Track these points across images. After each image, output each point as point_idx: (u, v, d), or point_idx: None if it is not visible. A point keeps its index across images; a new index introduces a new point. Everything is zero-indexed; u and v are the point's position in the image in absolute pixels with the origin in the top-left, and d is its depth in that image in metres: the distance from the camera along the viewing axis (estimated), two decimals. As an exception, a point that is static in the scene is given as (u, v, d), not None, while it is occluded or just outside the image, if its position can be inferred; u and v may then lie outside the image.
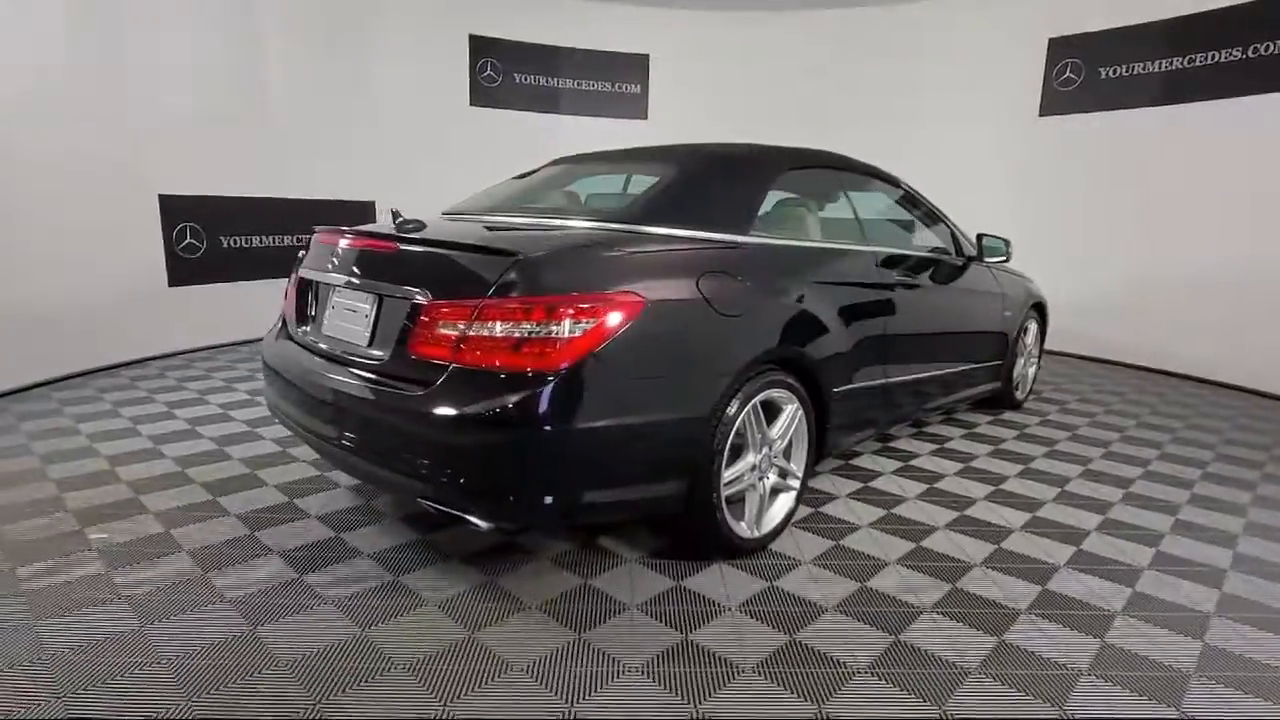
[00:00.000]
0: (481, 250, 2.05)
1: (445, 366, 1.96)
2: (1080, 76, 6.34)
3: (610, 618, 2.12)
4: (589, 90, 7.91)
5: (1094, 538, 2.77)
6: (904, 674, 1.90)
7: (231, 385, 4.66)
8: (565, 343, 1.90)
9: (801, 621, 2.13)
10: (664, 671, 1.88)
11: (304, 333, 2.52)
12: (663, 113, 8.03)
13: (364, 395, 2.10)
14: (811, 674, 1.89)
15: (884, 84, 7.45)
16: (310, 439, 2.42)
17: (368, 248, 2.28)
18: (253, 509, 2.79)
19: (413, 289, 2.05)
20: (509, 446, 1.89)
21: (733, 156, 2.80)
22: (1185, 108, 5.71)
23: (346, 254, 2.30)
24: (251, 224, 6.08)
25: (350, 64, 6.59)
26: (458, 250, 2.09)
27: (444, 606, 2.15)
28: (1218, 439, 4.17)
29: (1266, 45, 5.17)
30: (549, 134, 7.74)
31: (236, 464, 3.27)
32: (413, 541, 2.57)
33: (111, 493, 2.91)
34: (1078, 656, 2.00)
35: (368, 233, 2.33)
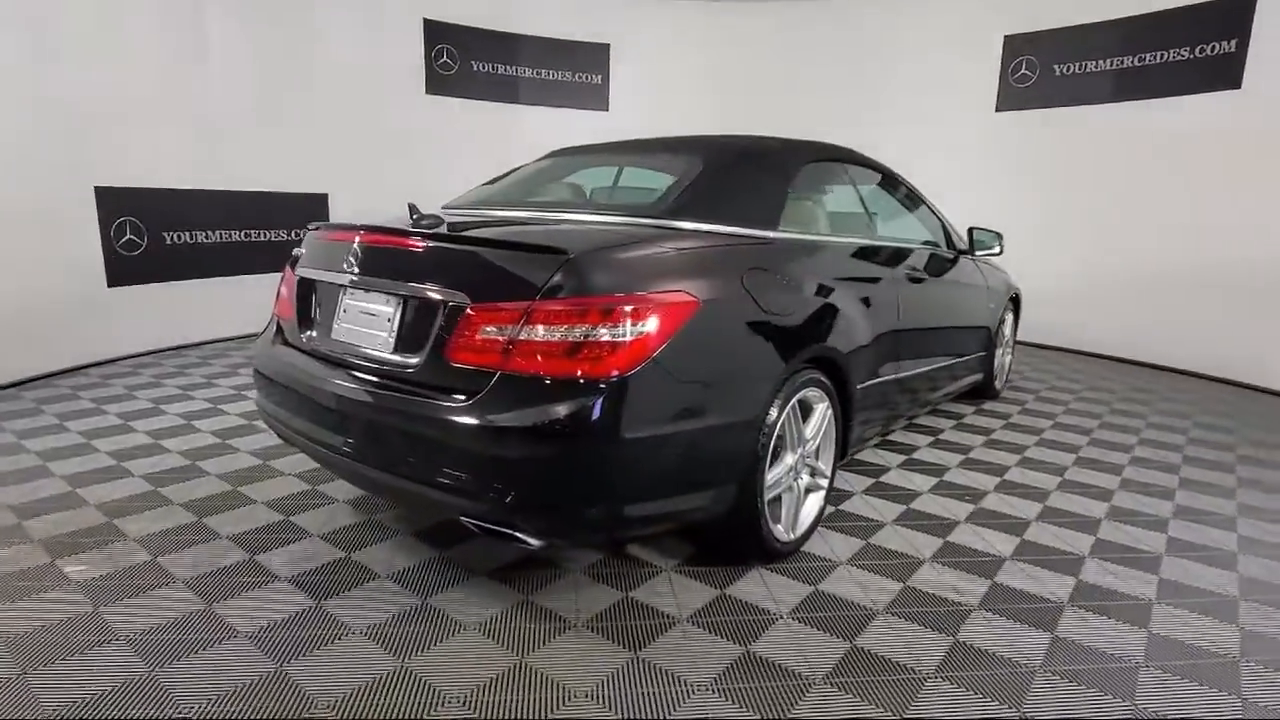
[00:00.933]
0: (527, 249, 1.91)
1: (491, 374, 1.82)
2: (1035, 73, 6.53)
3: (663, 633, 2.02)
4: (549, 80, 7.71)
5: (1107, 526, 2.82)
6: (973, 676, 1.87)
7: (188, 393, 4.33)
8: (624, 346, 1.78)
9: (856, 626, 2.08)
10: (735, 688, 1.79)
11: (308, 338, 2.31)
12: (624, 105, 7.91)
13: (393, 406, 1.93)
14: (884, 682, 1.83)
15: (844, 78, 7.52)
16: (319, 453, 2.23)
17: (390, 245, 2.10)
18: (246, 530, 2.57)
19: (450, 291, 1.89)
20: (567, 458, 1.77)
21: (758, 149, 2.72)
22: (1135, 105, 5.94)
23: (362, 252, 2.11)
24: (197, 218, 5.67)
25: (299, 48, 6.21)
26: (500, 249, 1.94)
27: (484, 630, 2.01)
28: (1187, 423, 4.36)
29: (1213, 45, 5.42)
30: (508, 124, 7.52)
31: (215, 480, 3.01)
32: (431, 559, 2.40)
33: (79, 518, 2.63)
34: (1131, 650, 2.01)
35: (389, 229, 2.15)
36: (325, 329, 2.27)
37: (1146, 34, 5.81)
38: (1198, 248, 5.63)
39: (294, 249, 2.55)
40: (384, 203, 6.78)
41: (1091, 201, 6.27)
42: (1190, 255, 5.67)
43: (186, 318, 5.66)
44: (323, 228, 2.43)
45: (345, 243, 2.20)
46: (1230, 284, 5.43)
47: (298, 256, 2.48)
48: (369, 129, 6.74)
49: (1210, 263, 5.55)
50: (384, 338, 2.06)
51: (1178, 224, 5.73)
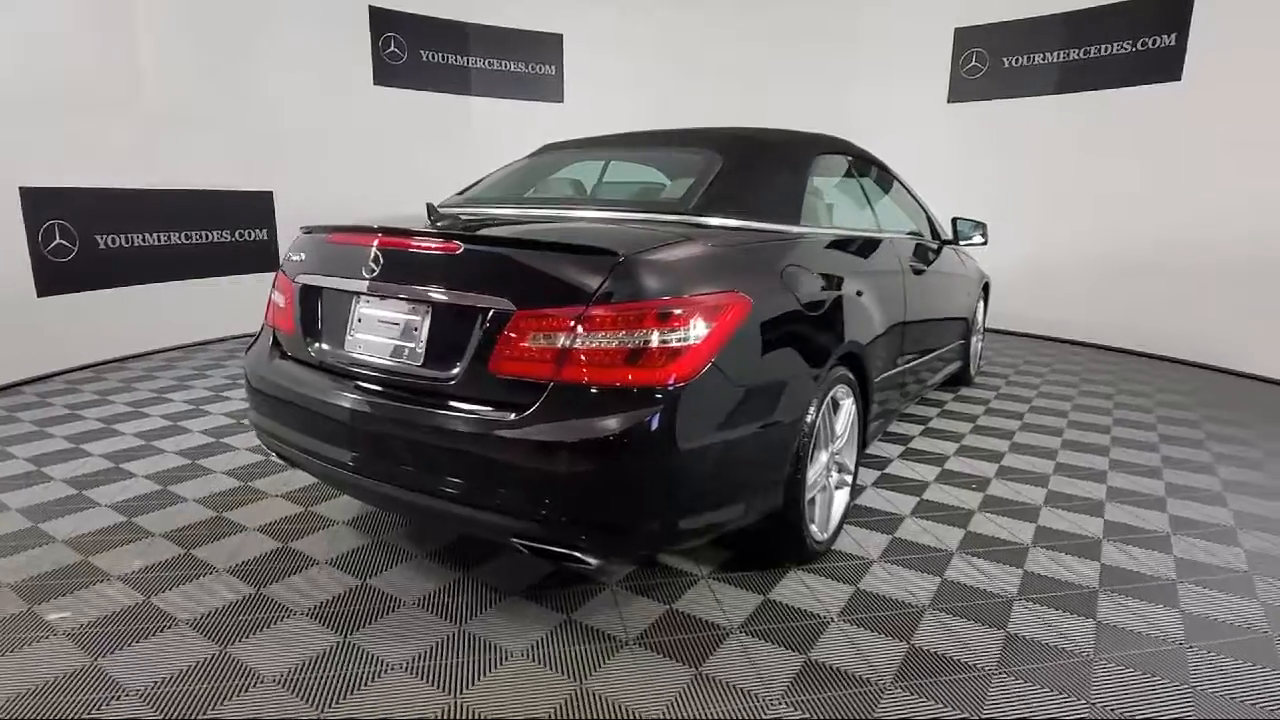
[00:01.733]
0: (574, 250, 1.79)
1: (543, 385, 1.70)
2: (985, 65, 6.71)
3: (719, 645, 1.95)
4: (502, 71, 7.49)
5: (1112, 508, 2.90)
6: (1033, 670, 1.87)
7: (140, 410, 4.00)
8: (684, 351, 1.70)
9: (909, 626, 2.06)
10: (808, 700, 1.74)
11: (316, 351, 2.13)
12: (580, 96, 7.75)
13: (429, 423, 1.79)
14: (952, 682, 1.81)
15: (802, 69, 7.56)
16: (333, 474, 2.06)
17: (417, 249, 1.94)
18: (243, 561, 2.37)
19: (492, 297, 1.76)
20: (631, 471, 1.67)
21: (774, 142, 2.66)
22: (1082, 96, 6.17)
23: (384, 257, 1.95)
24: (133, 220, 5.25)
25: (239, 37, 5.82)
26: (545, 251, 1.82)
27: (533, 656, 1.90)
28: (1150, 401, 4.56)
29: (1154, 39, 5.67)
30: (461, 116, 7.28)
31: (194, 506, 2.78)
32: (456, 581, 2.27)
33: (48, 556, 2.38)
34: (1170, 629, 2.06)
35: (415, 231, 2.00)
36: (336, 340, 2.09)
37: (1091, 27, 6.04)
38: (1143, 234, 5.89)
39: (288, 254, 2.35)
40: (332, 199, 6.49)
41: (1041, 190, 6.49)
42: (1136, 241, 5.94)
43: (126, 328, 5.25)
44: (322, 230, 2.25)
45: (359, 246, 2.03)
46: (1173, 268, 5.71)
47: (292, 261, 2.28)
48: (315, 123, 6.39)
49: (1154, 248, 5.83)
50: (411, 349, 1.91)
51: (1125, 212, 5.99)
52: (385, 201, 6.87)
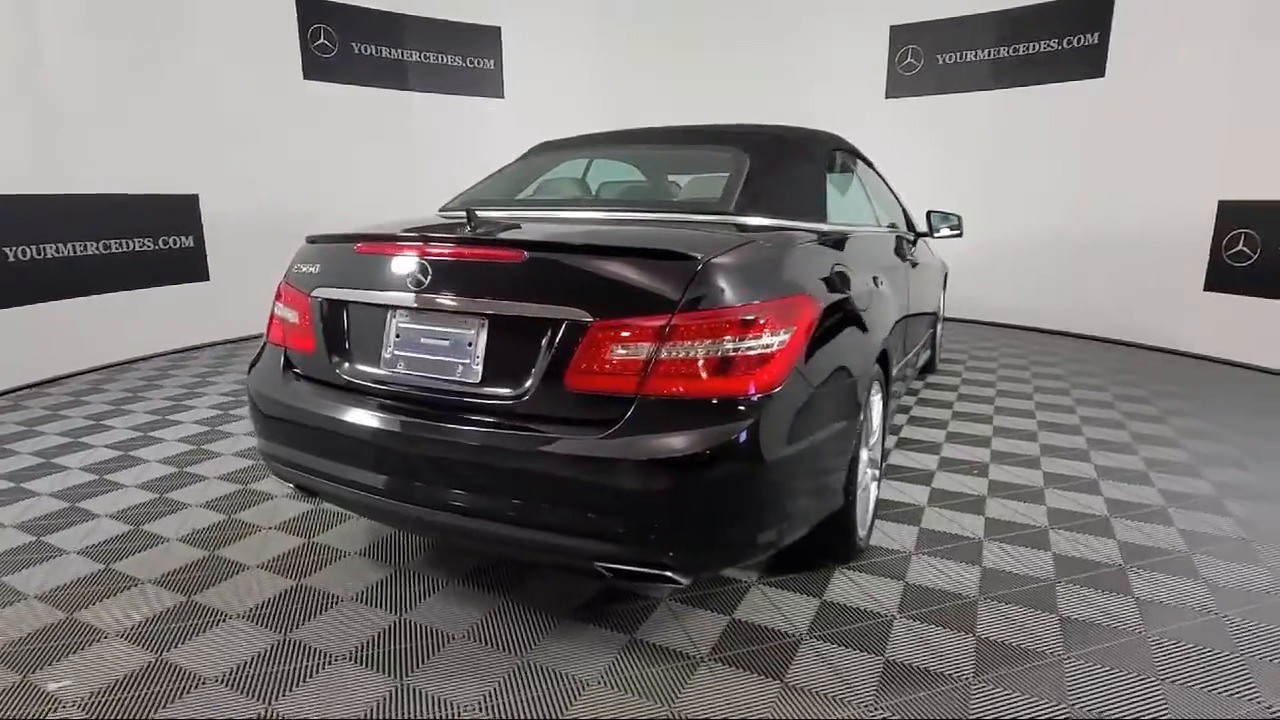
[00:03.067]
0: (650, 255, 1.70)
1: (629, 399, 1.61)
2: (921, 62, 6.95)
3: (794, 653, 1.91)
4: (438, 65, 7.19)
5: (1108, 486, 3.04)
6: (1103, 652, 1.92)
7: (79, 440, 3.61)
8: (772, 358, 1.64)
9: (968, 618, 2.08)
10: (901, 702, 1.72)
11: (346, 371, 1.95)
12: (521, 91, 7.55)
13: (496, 445, 1.67)
14: (1030, 670, 1.84)
15: (743, 65, 7.61)
16: (372, 503, 1.90)
17: (471, 258, 1.79)
18: (259, 603, 2.15)
19: (564, 307, 1.65)
20: (728, 485, 1.61)
21: (794, 139, 2.63)
22: (1013, 91, 6.48)
23: (429, 267, 1.79)
24: (40, 229, 4.73)
25: (157, 27, 5.34)
26: (617, 256, 1.71)
27: (610, 682, 1.80)
28: (1102, 380, 4.84)
29: (1079, 37, 6.01)
30: (397, 112, 6.96)
31: (179, 546, 2.51)
32: (500, 607, 2.13)
33: (26, 615, 2.09)
34: (1204, 599, 2.17)
35: (470, 239, 1.86)
36: (369, 358, 1.92)
37: (1020, 26, 6.34)
38: (1070, 222, 6.25)
39: (294, 266, 2.14)
40: (266, 203, 6.08)
41: (976, 183, 6.77)
42: (1064, 229, 6.29)
43: (40, 350, 4.73)
44: (336, 239, 2.06)
45: (400, 255, 1.86)
46: (1097, 253, 6.08)
47: (303, 273, 2.08)
48: (242, 120, 5.96)
49: (1080, 235, 6.19)
50: (465, 365, 1.77)
51: (1053, 202, 6.33)
52: (326, 204, 6.50)
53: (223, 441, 3.56)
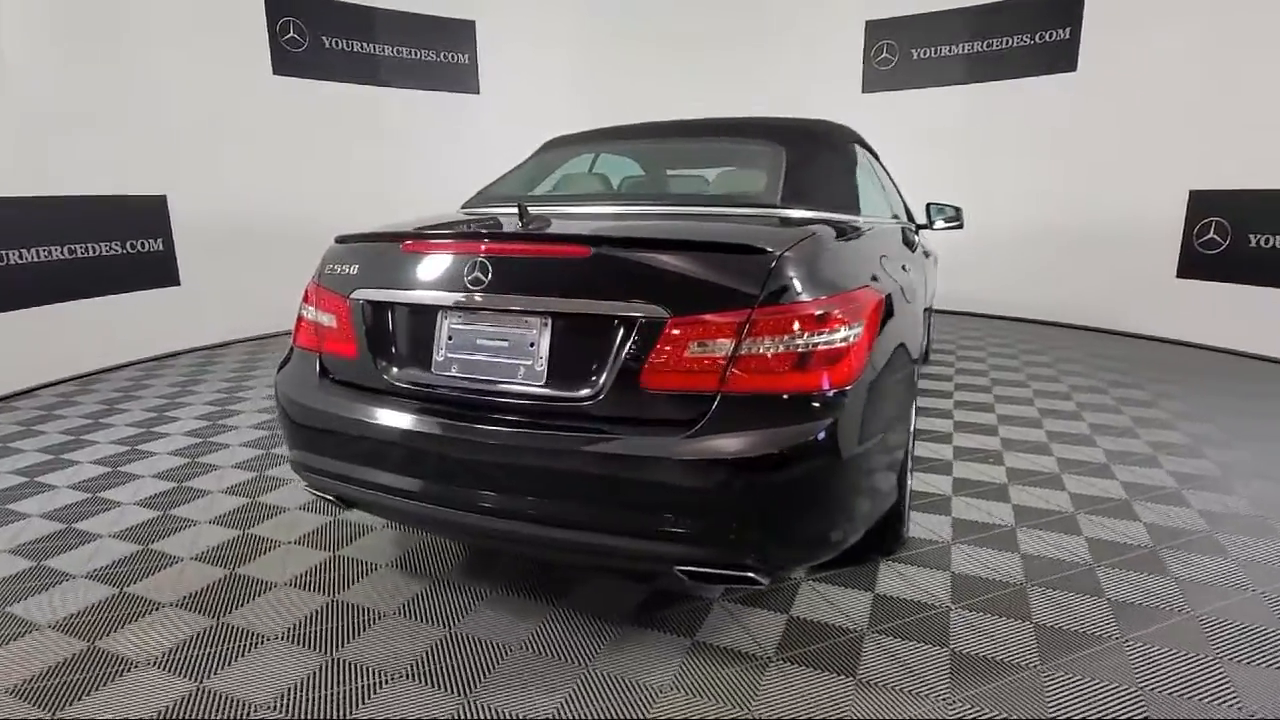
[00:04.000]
0: (725, 249, 1.66)
1: (710, 397, 1.57)
2: (896, 57, 7.04)
3: (860, 649, 1.90)
4: (411, 60, 7.01)
5: (1120, 470, 3.11)
6: (1158, 633, 1.95)
7: (62, 457, 3.40)
8: (849, 351, 1.62)
9: (1023, 606, 2.09)
10: (979, 694, 1.72)
11: (392, 374, 1.86)
12: (497, 86, 7.40)
13: (572, 447, 1.61)
14: (1095, 655, 1.86)
15: (720, 60, 7.60)
16: (424, 513, 1.82)
17: (534, 254, 1.73)
18: (296, 622, 2.05)
19: (638, 304, 1.60)
20: (813, 481, 1.58)
21: (822, 132, 2.62)
22: (987, 86, 6.61)
23: (489, 264, 1.71)
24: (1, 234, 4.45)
25: (115, 22, 5.08)
26: (691, 250, 1.67)
27: (683, 687, 1.76)
28: (1087, 367, 4.96)
29: (1051, 32, 6.16)
30: (369, 108, 6.77)
31: (195, 566, 2.38)
32: (552, 615, 2.07)
33: (43, 647, 1.95)
34: (1237, 575, 2.22)
35: (533, 235, 1.79)
36: (419, 362, 1.84)
37: (993, 21, 6.47)
38: (1045, 214, 6.40)
39: (326, 267, 2.04)
40: (237, 202, 5.85)
41: (952, 177, 6.88)
42: (1041, 220, 6.45)
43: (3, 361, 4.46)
44: (370, 238, 1.98)
45: (448, 253, 1.78)
46: (1072, 243, 6.25)
47: (337, 274, 1.98)
48: (210, 117, 5.72)
49: (1058, 225, 6.35)
50: (527, 367, 1.70)
51: (1029, 194, 6.47)
52: (300, 204, 6.30)
53: (218, 454, 3.40)
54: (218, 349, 5.82)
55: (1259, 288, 5.08)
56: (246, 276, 6.03)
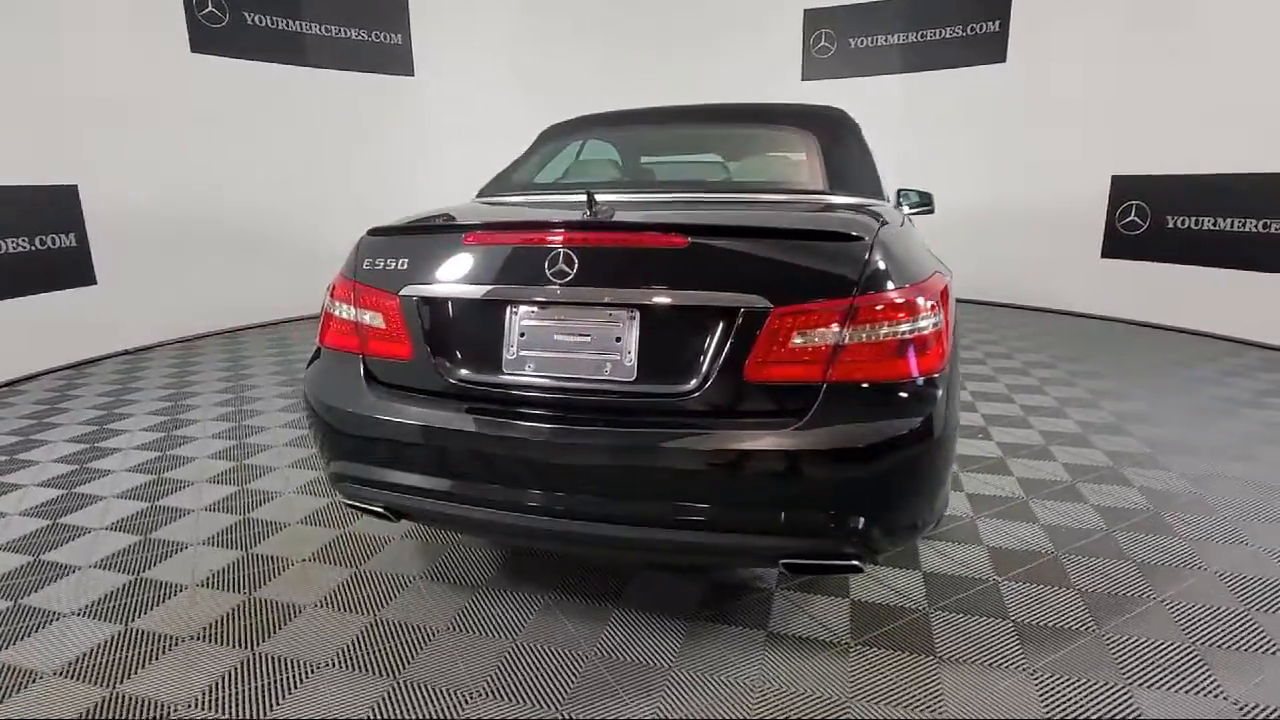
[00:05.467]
0: (820, 236, 1.63)
1: (815, 388, 1.54)
2: (834, 45, 7.20)
3: (930, 628, 1.94)
4: (340, 39, 6.60)
5: (1097, 439, 3.31)
6: (1193, 588, 2.09)
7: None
8: (937, 337, 1.63)
9: (1060, 574, 2.19)
10: (1051, 661, 1.79)
11: (457, 376, 1.73)
12: (433, 69, 7.08)
13: (675, 445, 1.55)
14: (1144, 615, 1.97)
15: (664, 45, 7.56)
16: (502, 520, 1.71)
17: (626, 245, 1.65)
18: (343, 646, 1.90)
19: (739, 294, 1.55)
20: (915, 467, 1.59)
21: (839, 116, 2.63)
22: (921, 75, 6.86)
23: (575, 256, 1.61)
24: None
25: None
26: (787, 238, 1.63)
27: (779, 680, 1.75)
28: (1034, 344, 5.26)
29: (982, 25, 6.45)
30: (296, 90, 6.34)
31: (206, 593, 2.17)
32: (616, 619, 2.01)
33: (60, 697, 1.72)
34: (1230, 533, 2.41)
35: (624, 224, 1.71)
36: (487, 361, 1.72)
37: (927, 13, 6.71)
38: (982, 198, 6.73)
39: (363, 262, 1.88)
40: (150, 192, 5.35)
41: (890, 163, 7.11)
42: (976, 204, 6.77)
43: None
44: (443, 229, 1.86)
45: (520, 245, 1.68)
46: (1002, 226, 6.61)
47: (379, 270, 1.83)
48: (123, 98, 5.19)
49: (992, 209, 6.69)
50: (614, 362, 1.63)
51: (965, 180, 6.78)
52: (222, 191, 5.84)
53: (185, 468, 3.11)
54: (144, 352, 5.33)
55: (1176, 265, 5.52)
56: (171, 273, 5.56)
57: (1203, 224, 5.31)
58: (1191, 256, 5.41)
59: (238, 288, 6.11)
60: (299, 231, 6.43)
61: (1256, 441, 3.26)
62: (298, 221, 6.41)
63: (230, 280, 6.04)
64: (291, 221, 6.39)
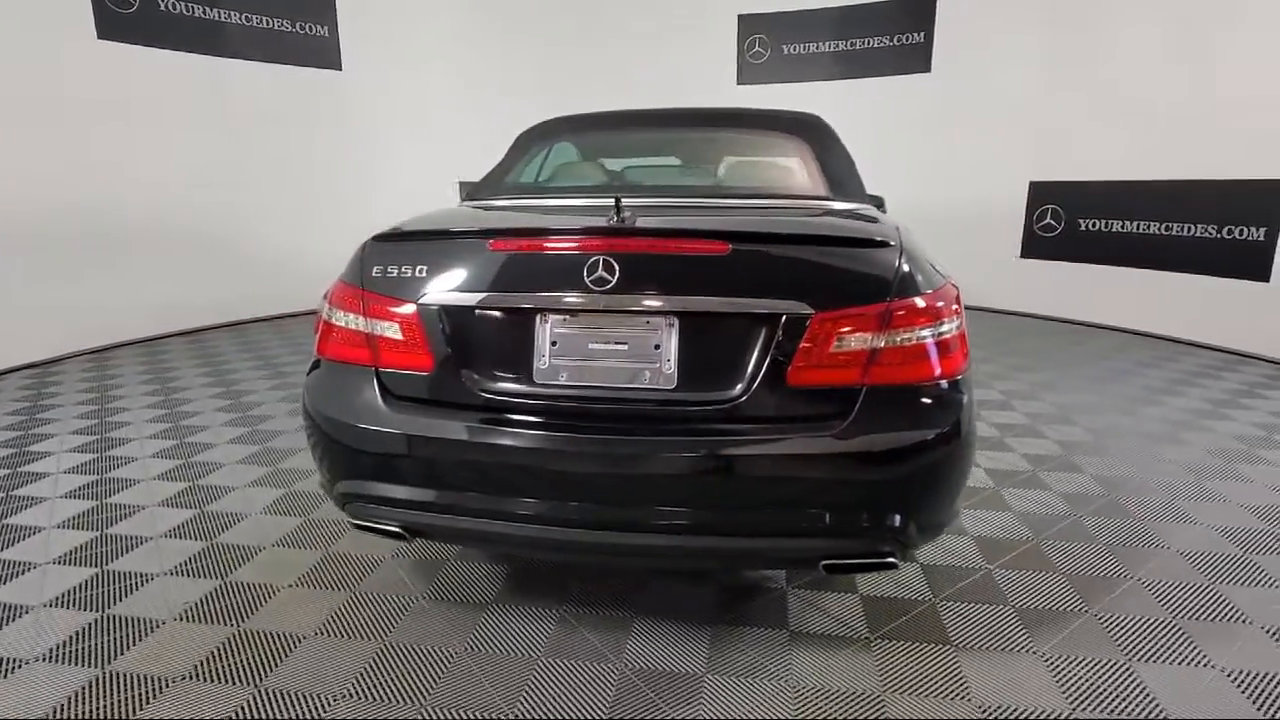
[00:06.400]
0: (852, 242, 1.66)
1: (855, 391, 1.58)
2: (768, 51, 7.37)
3: (941, 618, 2.02)
4: (262, 28, 6.24)
5: (1047, 429, 3.53)
6: (1166, 566, 2.26)
7: (-95, 513, 2.69)
8: (961, 339, 1.70)
9: (1046, 560, 2.33)
10: (1060, 643, 1.90)
11: (488, 388, 1.67)
12: (362, 63, 6.79)
13: (721, 452, 1.55)
14: (1125, 597, 2.11)
15: (601, 40, 7.52)
16: (536, 535, 1.67)
17: (670, 252, 1.62)
18: (358, 673, 1.80)
19: (782, 300, 1.56)
20: (947, 465, 1.64)
21: (824, 125, 2.68)
22: (852, 82, 7.11)
23: (616, 263, 1.58)
24: None
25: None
26: (824, 244, 1.65)
27: (813, 678, 1.77)
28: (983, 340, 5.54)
29: (908, 36, 6.75)
30: (213, 83, 5.96)
31: (185, 628, 2.01)
32: (641, 628, 1.99)
33: (32, 758, 1.55)
34: (1184, 510, 2.63)
35: (667, 230, 1.70)
36: (516, 372, 1.66)
37: (856, 23, 6.97)
38: (908, 201, 7.01)
39: (371, 269, 1.77)
40: (49, 190, 4.90)
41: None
42: (902, 207, 7.06)
43: None
44: (468, 233, 1.80)
45: (552, 251, 1.63)
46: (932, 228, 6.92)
47: (392, 278, 1.74)
48: (19, 90, 4.72)
49: (917, 213, 6.97)
50: (654, 370, 1.61)
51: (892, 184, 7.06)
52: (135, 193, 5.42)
53: (127, 493, 2.86)
54: (50, 366, 4.87)
55: (1089, 265, 5.96)
56: (74, 279, 5.10)
57: (1112, 227, 5.75)
58: (1103, 257, 5.86)
59: (153, 293, 5.67)
60: (216, 232, 6.03)
61: (1182, 428, 3.56)
62: (214, 222, 6.01)
63: (144, 285, 5.61)
64: (208, 222, 5.98)
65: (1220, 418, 3.71)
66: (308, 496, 2.79)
